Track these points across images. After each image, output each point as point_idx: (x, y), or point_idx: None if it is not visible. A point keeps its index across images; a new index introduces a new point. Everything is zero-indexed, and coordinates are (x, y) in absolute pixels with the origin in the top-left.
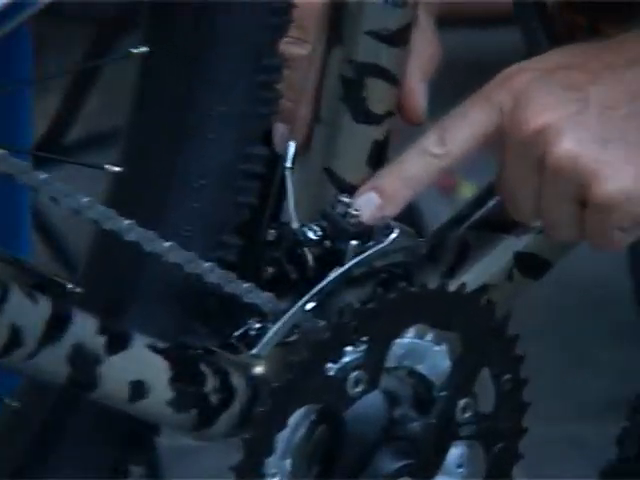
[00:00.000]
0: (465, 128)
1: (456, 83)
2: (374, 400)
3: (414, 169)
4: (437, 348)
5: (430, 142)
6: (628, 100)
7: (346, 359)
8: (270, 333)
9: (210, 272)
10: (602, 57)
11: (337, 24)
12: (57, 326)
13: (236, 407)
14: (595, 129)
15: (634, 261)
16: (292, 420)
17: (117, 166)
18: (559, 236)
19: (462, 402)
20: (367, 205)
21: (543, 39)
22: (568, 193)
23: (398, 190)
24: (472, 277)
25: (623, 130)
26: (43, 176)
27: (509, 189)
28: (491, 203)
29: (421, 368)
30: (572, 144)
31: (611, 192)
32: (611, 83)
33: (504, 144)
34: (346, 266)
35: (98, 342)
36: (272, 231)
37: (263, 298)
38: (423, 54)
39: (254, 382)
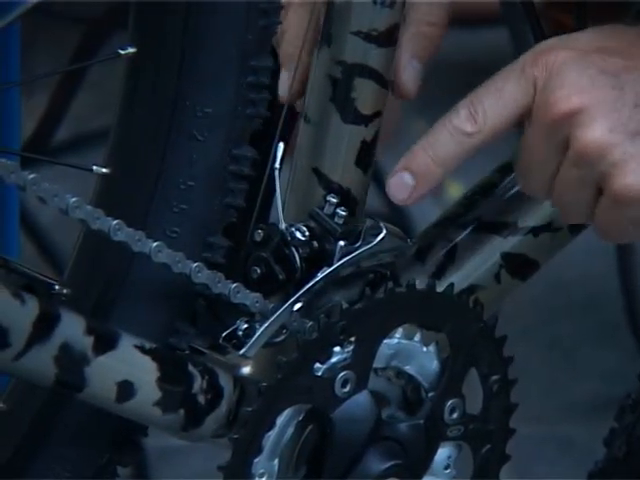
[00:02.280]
0: (499, 103)
1: (445, 84)
2: (362, 400)
3: (446, 148)
4: (425, 349)
5: (462, 119)
6: None
7: (334, 359)
8: (258, 333)
9: (198, 272)
10: None
11: (326, 24)
12: (44, 326)
13: (224, 407)
14: (627, 120)
15: (622, 261)
16: (280, 420)
17: (105, 167)
18: (568, 218)
19: (450, 403)
20: (401, 186)
21: (531, 39)
22: (587, 179)
23: (431, 170)
24: (460, 278)
25: None
26: (31, 176)
27: (526, 164)
28: (479, 203)
29: (409, 369)
30: (602, 132)
31: (631, 186)
32: None
33: (531, 119)
34: (334, 266)
35: (86, 342)
36: (260, 231)
37: (251, 298)
38: (421, 29)
39: (242, 382)
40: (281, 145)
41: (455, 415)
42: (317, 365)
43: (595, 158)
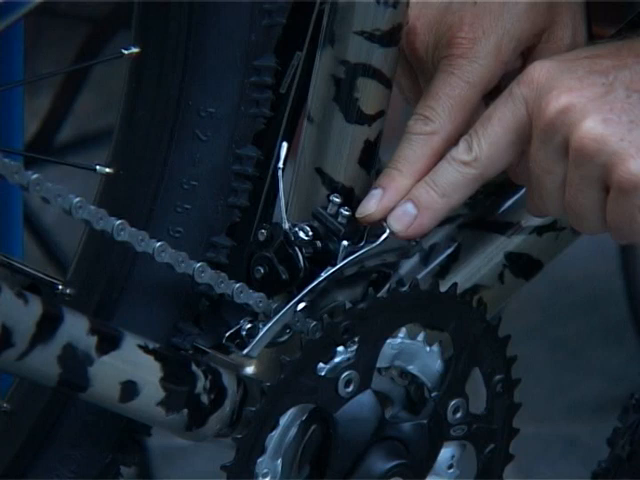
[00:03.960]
0: (490, 129)
1: None
2: (365, 400)
3: (446, 177)
4: (429, 348)
5: (459, 150)
6: None
7: (337, 359)
8: (261, 333)
9: (201, 272)
10: (630, 47)
11: (329, 24)
12: (48, 326)
13: (227, 407)
14: (621, 111)
15: (626, 261)
16: (283, 420)
17: (108, 167)
18: (585, 228)
19: (453, 402)
20: (403, 217)
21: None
22: (592, 176)
23: (434, 200)
24: (463, 277)
25: None
26: (34, 176)
27: (535, 181)
28: (483, 203)
29: (413, 368)
30: (596, 124)
31: (635, 170)
32: (639, 68)
33: (530, 134)
34: (337, 266)
35: (89, 342)
36: (263, 231)
37: (254, 298)
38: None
39: (245, 382)
40: (284, 145)
41: (458, 415)
42: (320, 365)
43: (594, 151)
